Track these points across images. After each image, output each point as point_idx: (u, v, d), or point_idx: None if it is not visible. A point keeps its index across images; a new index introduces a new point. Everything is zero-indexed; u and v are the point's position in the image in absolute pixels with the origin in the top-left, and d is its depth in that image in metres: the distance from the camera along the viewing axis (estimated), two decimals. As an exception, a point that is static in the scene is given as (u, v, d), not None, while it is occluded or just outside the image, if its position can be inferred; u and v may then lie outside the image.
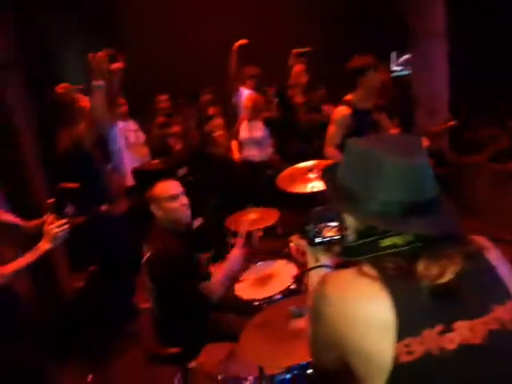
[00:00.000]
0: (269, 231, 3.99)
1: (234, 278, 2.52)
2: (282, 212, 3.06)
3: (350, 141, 1.10)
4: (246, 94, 4.72)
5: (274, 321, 1.69)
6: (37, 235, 2.16)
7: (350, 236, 1.07)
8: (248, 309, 2.43)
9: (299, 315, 1.62)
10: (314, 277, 1.22)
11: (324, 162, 2.80)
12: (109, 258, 3.36)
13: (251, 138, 4.39)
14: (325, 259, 1.24)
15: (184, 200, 2.40)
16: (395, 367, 0.89)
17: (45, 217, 2.17)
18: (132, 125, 4.39)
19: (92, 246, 3.35)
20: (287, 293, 2.42)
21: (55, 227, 2.04)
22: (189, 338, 2.39)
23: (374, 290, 0.93)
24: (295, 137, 4.56)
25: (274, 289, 2.48)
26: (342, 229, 1.16)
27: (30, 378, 2.18)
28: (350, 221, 1.06)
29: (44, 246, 2.04)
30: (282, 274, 2.62)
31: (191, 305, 2.35)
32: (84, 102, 3.05)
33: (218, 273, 2.41)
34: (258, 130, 4.44)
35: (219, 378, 1.97)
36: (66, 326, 3.17)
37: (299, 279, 2.47)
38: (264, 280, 2.63)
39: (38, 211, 3.09)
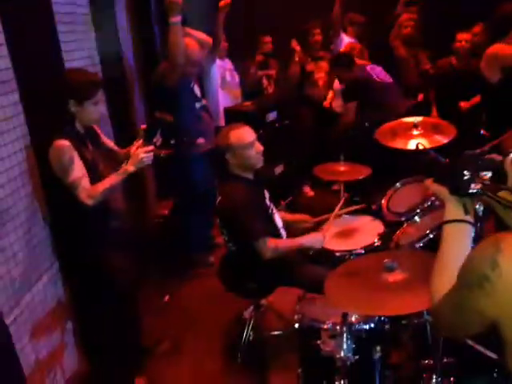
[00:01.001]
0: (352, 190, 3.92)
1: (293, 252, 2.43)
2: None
3: None
4: (346, 41, 4.48)
5: (364, 271, 1.65)
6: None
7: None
8: (327, 259, 2.43)
9: (392, 269, 1.56)
10: (451, 231, 1.06)
11: (431, 120, 2.60)
12: (191, 192, 3.47)
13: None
14: (470, 214, 1.06)
15: (259, 147, 2.36)
16: None
17: (135, 142, 2.25)
18: (229, 64, 4.37)
19: (177, 178, 3.47)
20: (370, 249, 2.37)
21: (142, 152, 2.11)
22: (262, 278, 2.43)
23: None
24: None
25: (356, 243, 2.43)
26: (499, 181, 1.00)
27: (127, 287, 2.35)
28: None
29: (128, 168, 2.11)
30: (367, 229, 2.55)
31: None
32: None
33: (288, 241, 2.39)
34: None
35: (295, 317, 1.99)
36: (149, 248, 3.36)
37: (385, 237, 2.40)
38: (347, 233, 2.58)
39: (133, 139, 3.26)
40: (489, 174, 1.02)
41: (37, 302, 2.15)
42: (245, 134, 2.35)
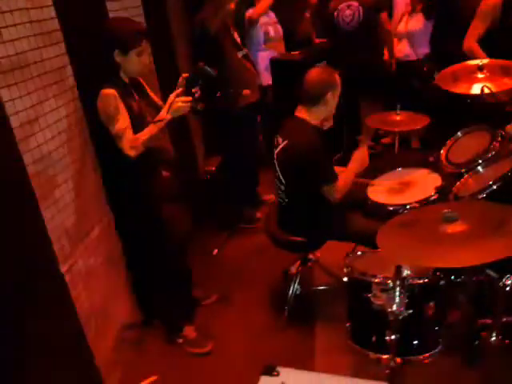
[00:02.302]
0: (404, 144, 3.70)
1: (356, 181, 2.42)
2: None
3: None
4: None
5: (421, 222, 1.54)
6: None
7: None
8: (380, 213, 2.33)
9: (452, 220, 1.44)
10: None
11: (499, 61, 2.35)
12: (238, 146, 3.42)
13: (408, 33, 3.84)
14: None
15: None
16: None
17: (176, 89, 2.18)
18: (273, 17, 4.18)
19: (224, 132, 3.42)
20: (426, 203, 2.23)
21: (180, 101, 2.03)
22: (313, 231, 2.38)
23: None
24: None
25: (412, 197, 2.29)
26: None
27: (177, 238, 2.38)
28: None
29: (165, 115, 2.05)
30: (424, 183, 2.40)
31: (317, 200, 2.31)
32: None
33: (343, 174, 2.32)
34: (418, 23, 3.80)
35: (344, 271, 1.93)
36: (198, 202, 3.38)
37: (442, 191, 2.25)
38: (402, 187, 2.45)
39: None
40: None
41: (90, 252, 2.21)
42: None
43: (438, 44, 3.69)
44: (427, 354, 1.78)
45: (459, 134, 2.35)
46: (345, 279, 1.94)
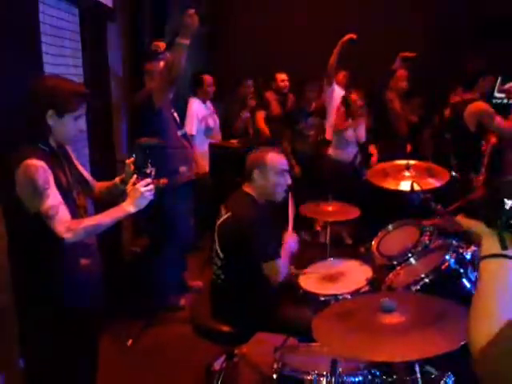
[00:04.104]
0: (337, 240, 3.78)
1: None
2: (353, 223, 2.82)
3: None
4: (337, 92, 4.48)
5: (358, 312, 1.45)
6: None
7: None
8: (311, 302, 2.24)
9: (390, 310, 1.37)
10: (492, 268, 0.91)
11: (424, 163, 2.53)
12: (168, 225, 3.27)
13: (353, 138, 4.18)
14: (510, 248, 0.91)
15: (289, 179, 2.28)
16: None
17: (117, 178, 2.01)
18: (210, 107, 4.32)
19: (155, 209, 3.26)
20: (357, 295, 2.18)
21: (141, 187, 1.79)
22: (244, 318, 2.22)
23: None
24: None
25: (343, 287, 2.25)
26: None
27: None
28: None
29: (129, 207, 1.79)
30: (355, 274, 2.38)
31: (255, 279, 2.19)
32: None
33: (282, 256, 2.24)
34: (361, 130, 4.22)
35: (274, 366, 1.75)
36: (115, 288, 3.09)
37: (374, 282, 2.23)
38: (334, 277, 2.40)
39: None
40: None
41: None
42: (282, 160, 2.29)
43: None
44: None
45: (390, 227, 2.40)
46: (274, 376, 1.75)
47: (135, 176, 1.85)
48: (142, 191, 1.80)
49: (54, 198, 1.70)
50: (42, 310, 1.84)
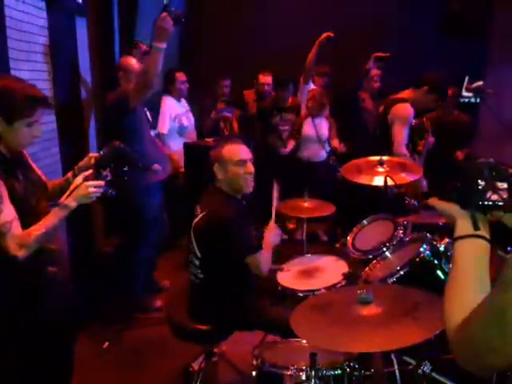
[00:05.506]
0: (313, 238, 3.79)
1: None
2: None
3: None
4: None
5: (335, 304, 1.46)
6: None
7: None
8: (289, 299, 2.24)
9: (367, 302, 1.38)
10: (466, 248, 0.93)
11: (397, 159, 2.57)
12: (141, 224, 3.22)
13: (315, 136, 4.19)
14: (484, 229, 0.93)
15: (251, 168, 2.22)
16: None
17: (69, 173, 1.93)
18: (185, 105, 4.28)
19: (128, 208, 3.22)
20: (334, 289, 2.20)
21: (91, 186, 1.70)
22: (222, 316, 2.21)
23: None
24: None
25: (320, 282, 2.27)
26: None
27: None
28: None
29: (70, 202, 1.69)
30: (331, 269, 2.40)
31: (233, 277, 2.18)
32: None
33: (263, 249, 2.23)
34: (323, 128, 4.24)
35: (253, 363, 1.74)
36: (89, 290, 3.02)
37: (350, 277, 2.25)
38: (310, 272, 2.42)
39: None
40: (505, 185, 0.88)
41: None
42: (239, 150, 2.22)
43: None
44: None
45: (364, 221, 2.43)
46: (253, 373, 1.74)
47: (91, 171, 1.78)
48: (89, 191, 1.70)
49: (7, 214, 1.60)
50: (11, 323, 1.75)
